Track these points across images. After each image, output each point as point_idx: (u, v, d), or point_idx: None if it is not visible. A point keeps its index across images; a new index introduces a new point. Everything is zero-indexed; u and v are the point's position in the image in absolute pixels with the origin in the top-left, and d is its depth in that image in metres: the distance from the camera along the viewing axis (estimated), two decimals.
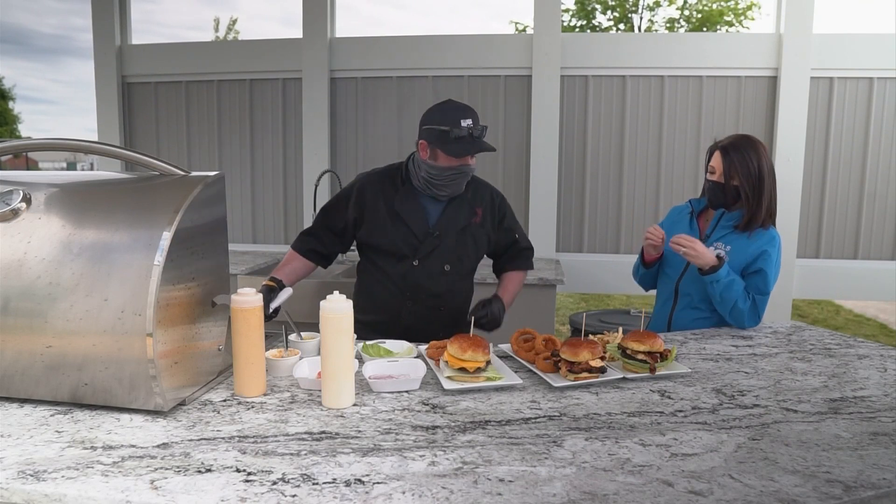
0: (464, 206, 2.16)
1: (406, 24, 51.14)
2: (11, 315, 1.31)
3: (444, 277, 2.17)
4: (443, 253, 2.14)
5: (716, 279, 2.02)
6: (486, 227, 2.22)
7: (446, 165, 2.03)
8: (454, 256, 2.17)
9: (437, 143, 2.00)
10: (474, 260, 2.25)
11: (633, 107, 4.23)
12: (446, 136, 1.97)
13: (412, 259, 2.13)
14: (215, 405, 1.38)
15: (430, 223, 2.14)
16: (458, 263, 2.18)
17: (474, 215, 2.18)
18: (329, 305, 1.38)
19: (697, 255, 2.03)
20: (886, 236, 4.17)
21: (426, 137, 2.03)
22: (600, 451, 1.17)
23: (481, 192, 2.22)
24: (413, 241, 2.12)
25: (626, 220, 4.32)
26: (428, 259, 2.14)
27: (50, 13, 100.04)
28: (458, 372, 1.50)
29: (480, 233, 2.20)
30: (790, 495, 1.01)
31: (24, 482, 1.03)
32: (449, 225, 2.14)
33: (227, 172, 4.35)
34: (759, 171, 2.06)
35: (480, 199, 2.21)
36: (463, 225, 2.16)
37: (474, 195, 2.19)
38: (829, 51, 4.01)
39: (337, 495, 1.00)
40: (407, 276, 2.14)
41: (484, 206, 2.21)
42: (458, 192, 2.13)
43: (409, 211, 2.12)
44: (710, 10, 17.38)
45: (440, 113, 2.02)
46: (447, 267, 2.16)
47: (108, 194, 1.47)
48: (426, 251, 2.13)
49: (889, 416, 1.35)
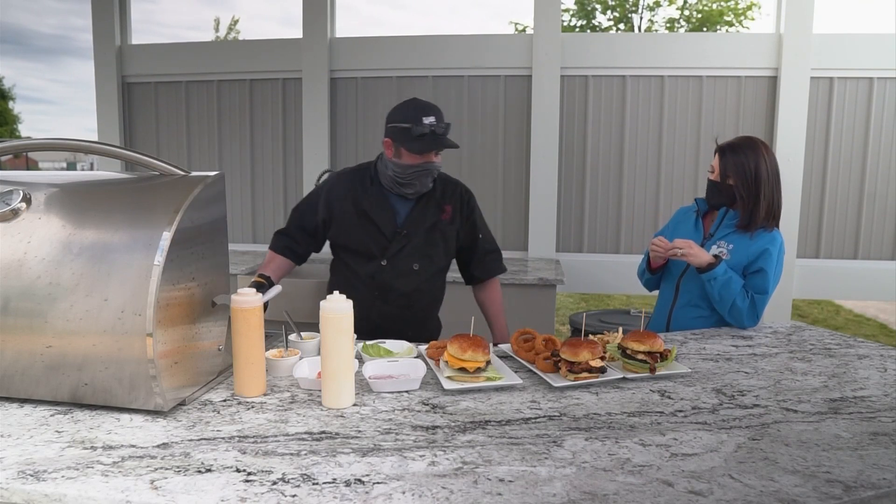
0: (432, 204, 2.16)
1: (405, 24, 51.15)
2: (11, 315, 1.31)
3: (414, 276, 2.16)
4: (412, 252, 2.14)
5: (713, 276, 2.04)
6: (455, 224, 2.20)
7: (410, 163, 2.03)
8: (423, 255, 2.16)
9: (400, 141, 2.02)
10: (444, 258, 2.23)
11: (633, 107, 4.23)
12: (409, 133, 1.99)
13: (381, 259, 2.13)
14: (215, 405, 1.38)
15: (399, 222, 2.14)
16: (427, 262, 2.17)
17: (443, 212, 2.17)
18: (329, 305, 1.38)
19: (694, 256, 2.06)
20: (886, 236, 4.17)
21: (390, 135, 2.05)
22: (600, 451, 1.17)
23: (450, 190, 2.21)
24: (382, 240, 2.12)
25: (626, 220, 4.32)
26: (397, 258, 2.13)
27: (50, 13, 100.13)
28: (458, 372, 1.50)
29: (450, 230, 2.19)
30: (790, 495, 1.01)
31: (24, 482, 1.03)
32: (417, 223, 2.14)
33: (227, 172, 4.35)
34: (755, 172, 2.07)
35: (450, 196, 2.20)
36: (431, 223, 2.15)
37: (443, 193, 2.19)
38: (829, 51, 4.01)
39: (337, 495, 1.00)
40: (376, 276, 2.14)
41: (453, 203, 2.20)
42: (425, 189, 2.13)
43: (378, 210, 2.12)
44: (710, 10, 17.38)
45: (403, 111, 2.03)
46: (416, 266, 2.15)
47: (108, 194, 1.47)
48: (395, 250, 2.13)
49: (889, 416, 1.35)
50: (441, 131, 2.01)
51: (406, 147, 2.01)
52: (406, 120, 2.00)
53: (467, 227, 2.24)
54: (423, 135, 1.99)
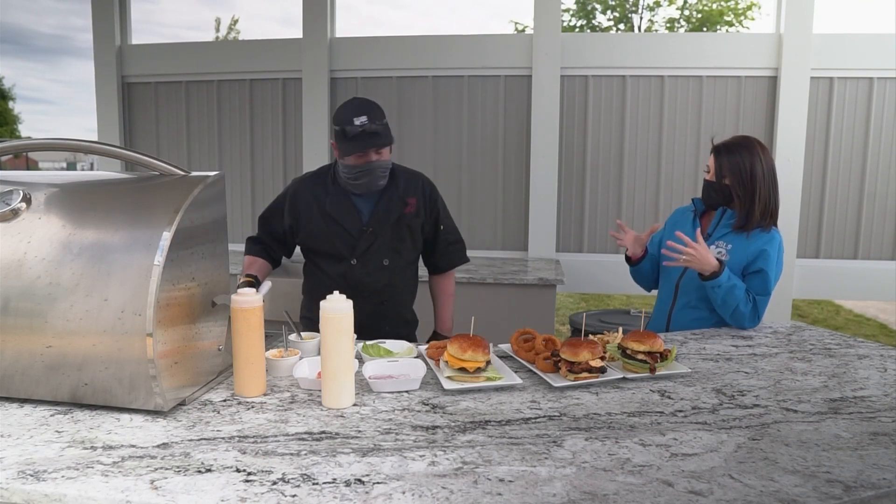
0: (395, 199, 2.17)
1: (405, 24, 51.13)
2: (11, 315, 1.31)
3: (384, 272, 2.19)
4: (380, 248, 2.16)
5: (717, 284, 2.01)
6: (420, 216, 2.22)
7: (353, 164, 2.05)
8: (391, 250, 2.18)
9: (338, 143, 2.05)
10: (412, 251, 2.26)
11: (633, 107, 4.23)
12: (343, 135, 2.01)
13: (350, 258, 2.15)
14: (215, 405, 1.38)
15: (364, 220, 2.15)
16: (396, 257, 2.20)
17: (406, 205, 2.18)
18: (329, 305, 1.38)
19: (699, 260, 2.00)
20: (886, 236, 4.17)
21: (333, 137, 2.09)
22: (600, 451, 1.17)
23: (412, 183, 2.22)
24: (349, 239, 2.14)
25: (626, 220, 4.32)
26: (365, 256, 2.16)
27: (49, 13, 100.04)
28: (458, 372, 1.50)
29: (415, 223, 2.21)
30: (790, 495, 1.01)
31: (24, 482, 1.03)
32: (382, 220, 2.15)
33: (227, 172, 4.35)
34: (750, 172, 2.06)
35: (412, 189, 2.21)
36: (396, 217, 2.17)
37: (405, 186, 2.20)
38: (829, 51, 4.02)
39: (337, 495, 1.00)
40: (347, 276, 2.16)
41: (417, 195, 2.21)
42: (376, 188, 2.13)
43: (341, 211, 2.14)
44: (710, 10, 17.38)
45: (339, 113, 2.05)
46: (386, 262, 2.18)
47: (108, 194, 1.47)
48: (363, 248, 2.15)
49: (889, 416, 1.35)
50: (373, 129, 1.99)
51: (341, 149, 2.04)
52: (338, 122, 2.03)
53: (431, 219, 2.27)
54: (355, 136, 1.99)
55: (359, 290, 2.12)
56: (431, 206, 2.25)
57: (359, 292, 2.12)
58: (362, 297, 2.13)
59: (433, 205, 2.26)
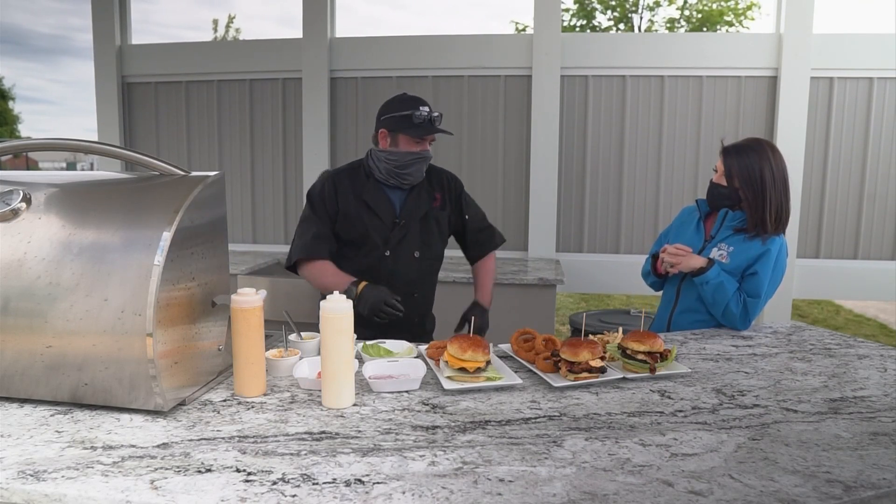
0: (423, 193, 2.26)
1: (403, 24, 51.12)
2: (11, 315, 1.31)
3: (415, 264, 2.26)
4: (410, 240, 2.23)
5: (705, 280, 2.04)
6: (446, 209, 2.32)
7: (408, 150, 2.14)
8: (421, 243, 2.26)
9: (399, 129, 2.12)
10: (440, 244, 2.34)
11: (633, 107, 4.23)
12: (409, 120, 2.10)
13: (384, 249, 2.21)
14: (215, 405, 1.38)
15: (396, 212, 2.22)
16: (426, 249, 2.27)
17: (434, 200, 2.28)
18: (329, 305, 1.38)
19: (684, 266, 2.08)
20: (886, 236, 4.17)
21: (386, 126, 2.15)
22: (600, 451, 1.17)
23: (438, 178, 2.33)
24: (383, 230, 2.20)
25: (626, 220, 4.32)
26: (398, 248, 2.22)
27: (47, 13, 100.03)
28: (458, 372, 1.50)
29: (442, 216, 2.30)
30: (790, 495, 1.01)
31: (24, 482, 1.03)
32: (412, 213, 2.23)
33: (227, 172, 4.35)
34: (760, 176, 2.04)
35: (437, 184, 2.31)
36: (425, 211, 2.25)
37: (432, 181, 2.30)
38: (829, 51, 4.01)
39: (337, 495, 1.00)
40: (380, 267, 2.21)
41: (443, 190, 2.32)
42: (420, 178, 2.22)
43: (377, 201, 2.20)
44: (710, 10, 17.37)
45: (399, 102, 2.15)
46: (416, 254, 2.25)
47: (108, 194, 1.47)
48: (396, 240, 2.21)
49: (889, 416, 1.35)
50: (436, 120, 2.15)
51: (407, 133, 2.11)
52: (404, 109, 2.12)
53: (456, 211, 2.36)
54: (422, 122, 2.11)
55: (391, 281, 2.19)
56: (456, 199, 2.35)
57: (391, 284, 2.18)
58: (394, 288, 2.18)
59: (457, 198, 2.36)
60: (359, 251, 2.22)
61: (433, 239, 2.29)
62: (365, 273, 2.17)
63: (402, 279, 2.22)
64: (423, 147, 2.15)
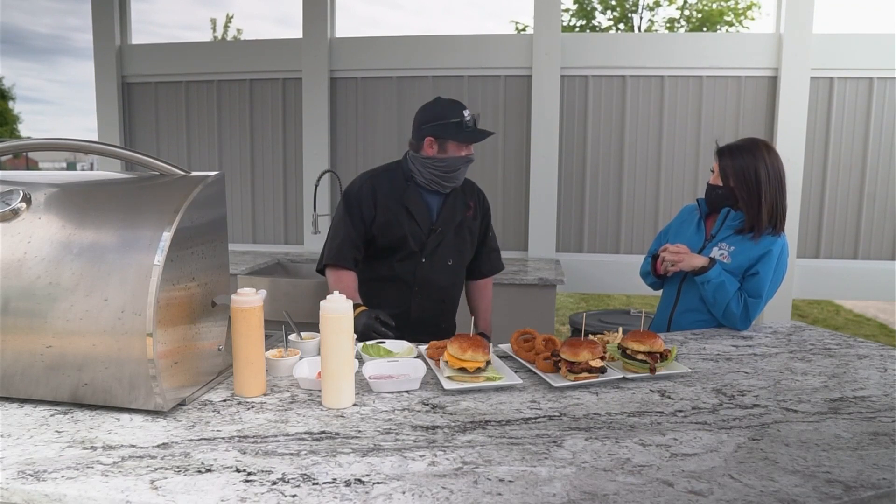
0: (459, 201, 2.26)
1: (402, 24, 51.11)
2: (11, 315, 1.31)
3: (448, 272, 2.26)
4: (446, 247, 2.23)
5: (706, 279, 2.04)
6: (477, 220, 2.32)
7: (458, 155, 2.14)
8: (455, 250, 2.26)
9: (448, 136, 2.11)
10: (470, 253, 2.34)
11: (633, 107, 4.23)
12: (459, 127, 2.10)
13: (420, 256, 2.20)
14: (215, 405, 1.38)
15: (434, 219, 2.22)
16: (458, 257, 2.28)
17: (468, 208, 2.28)
18: (329, 305, 1.38)
19: (685, 264, 2.07)
20: (886, 236, 4.17)
21: (433, 133, 2.12)
22: (600, 451, 1.17)
23: (469, 188, 2.33)
24: (421, 236, 2.20)
25: (626, 220, 4.32)
26: (434, 255, 2.22)
27: (45, 13, 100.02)
28: (458, 372, 1.50)
29: (474, 226, 2.31)
30: (790, 495, 1.01)
31: (24, 482, 1.03)
32: (448, 220, 2.23)
33: (227, 172, 4.35)
34: (755, 176, 2.05)
35: (470, 193, 2.32)
36: (460, 220, 2.25)
37: (465, 190, 2.30)
38: (829, 51, 4.01)
39: (337, 495, 1.00)
40: (416, 272, 2.21)
41: (474, 200, 2.32)
42: (461, 181, 2.23)
43: (417, 207, 2.19)
44: (710, 10, 17.36)
45: (443, 109, 2.14)
46: (450, 262, 2.25)
47: (109, 194, 1.47)
48: (432, 247, 2.21)
49: (889, 416, 1.35)
50: (477, 121, 2.16)
51: (457, 139, 2.11)
52: (451, 116, 2.11)
53: (483, 224, 2.36)
54: (469, 126, 2.12)
55: (426, 286, 2.21)
56: (485, 211, 2.37)
57: (425, 290, 2.21)
58: (428, 295, 2.22)
59: (486, 211, 2.37)
60: (393, 256, 2.20)
61: (466, 247, 2.30)
62: (399, 279, 2.18)
63: (436, 286, 2.23)
64: (469, 151, 2.16)
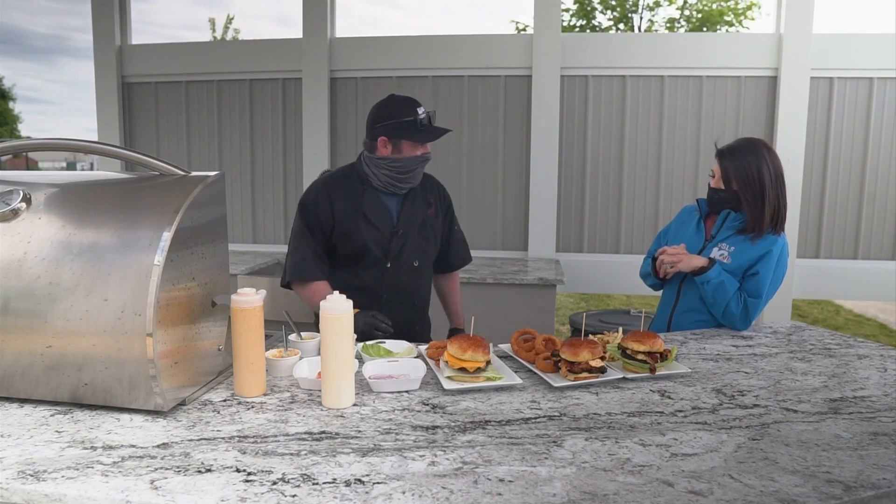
0: (418, 199, 2.19)
1: (402, 24, 51.10)
2: (11, 315, 1.31)
3: (415, 273, 2.20)
4: (410, 250, 2.17)
5: (706, 279, 2.04)
6: (439, 217, 2.26)
7: (411, 155, 2.07)
8: (420, 251, 2.20)
9: (402, 135, 2.04)
10: (434, 251, 2.28)
11: (633, 107, 4.23)
12: (413, 125, 2.03)
13: (385, 261, 2.14)
14: (215, 405, 1.38)
15: (394, 221, 2.15)
16: (423, 257, 2.22)
17: (429, 206, 2.22)
18: (329, 305, 1.38)
19: (684, 265, 2.07)
20: (886, 236, 4.17)
21: (386, 133, 2.05)
22: (600, 451, 1.17)
23: (430, 184, 2.26)
24: (382, 241, 2.13)
25: (626, 220, 4.32)
26: (398, 258, 2.15)
27: (44, 13, 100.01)
28: (458, 372, 1.50)
29: (436, 224, 2.25)
30: (790, 495, 1.01)
31: (24, 482, 1.03)
32: (409, 221, 2.16)
33: (227, 172, 4.35)
34: (758, 176, 2.04)
35: (430, 190, 2.25)
36: (422, 219, 2.19)
37: (424, 187, 2.22)
38: (829, 51, 4.02)
39: (337, 495, 1.00)
40: (382, 278, 2.15)
41: (434, 197, 2.25)
42: (418, 181, 2.16)
43: (375, 211, 2.12)
44: (710, 10, 17.35)
45: (395, 107, 2.06)
46: (416, 263, 2.19)
47: (109, 194, 1.47)
48: (395, 250, 2.14)
49: (889, 416, 1.35)
50: (433, 119, 2.08)
51: (411, 138, 2.05)
52: (404, 114, 2.03)
53: (447, 219, 2.31)
54: (424, 125, 2.04)
55: (394, 291, 2.15)
56: (447, 206, 2.30)
57: (394, 295, 2.14)
58: (397, 300, 2.15)
59: (448, 205, 2.31)
60: (357, 264, 2.13)
61: (430, 246, 2.23)
62: (366, 286, 2.11)
63: (403, 289, 2.17)
64: (425, 150, 2.09)
